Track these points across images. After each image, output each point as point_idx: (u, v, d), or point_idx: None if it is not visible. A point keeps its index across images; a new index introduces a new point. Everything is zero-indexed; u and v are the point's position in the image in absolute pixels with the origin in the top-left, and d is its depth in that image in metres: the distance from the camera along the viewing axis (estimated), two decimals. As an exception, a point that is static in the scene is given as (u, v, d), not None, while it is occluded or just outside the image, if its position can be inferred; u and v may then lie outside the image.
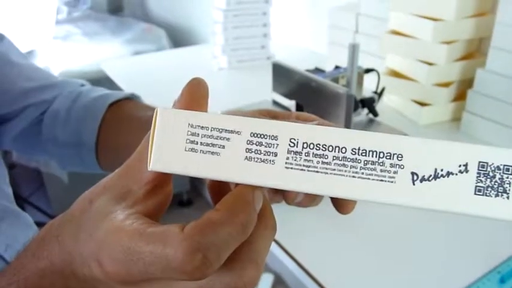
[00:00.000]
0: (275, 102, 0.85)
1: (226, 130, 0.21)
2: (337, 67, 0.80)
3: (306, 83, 0.73)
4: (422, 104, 0.89)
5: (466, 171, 0.20)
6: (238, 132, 0.21)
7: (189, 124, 0.22)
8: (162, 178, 0.24)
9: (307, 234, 0.60)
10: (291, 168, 0.21)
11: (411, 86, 0.90)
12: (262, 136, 0.21)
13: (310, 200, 0.31)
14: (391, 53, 0.94)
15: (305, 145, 0.21)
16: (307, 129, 0.21)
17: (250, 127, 0.21)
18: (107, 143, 0.49)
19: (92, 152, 0.48)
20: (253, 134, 0.21)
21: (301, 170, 0.21)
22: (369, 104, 0.76)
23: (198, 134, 0.22)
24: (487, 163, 0.20)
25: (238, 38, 1.24)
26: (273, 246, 0.59)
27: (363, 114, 0.79)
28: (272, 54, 1.28)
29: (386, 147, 0.21)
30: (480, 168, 0.20)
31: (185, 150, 0.22)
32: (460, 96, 0.90)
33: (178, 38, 2.07)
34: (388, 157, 0.21)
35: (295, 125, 0.21)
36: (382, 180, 0.21)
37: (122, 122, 0.49)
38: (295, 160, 0.21)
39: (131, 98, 0.52)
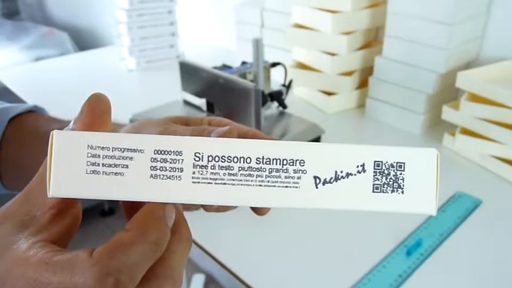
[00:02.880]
0: (186, 102, 0.84)
1: (129, 149, 0.21)
2: (244, 63, 0.81)
3: (214, 80, 0.73)
4: (328, 94, 0.92)
5: (364, 171, 0.21)
6: (141, 151, 0.21)
7: (88, 145, 0.21)
8: (68, 201, 0.22)
9: (224, 232, 0.60)
10: (198, 182, 0.21)
11: (317, 77, 0.93)
12: (166, 153, 0.21)
13: (226, 206, 0.31)
14: (296, 46, 0.96)
15: (210, 158, 0.21)
16: (211, 143, 0.21)
17: (153, 144, 0.21)
18: (10, 161, 0.44)
19: None
20: (157, 151, 0.21)
21: (209, 183, 0.21)
22: (277, 97, 0.77)
23: (99, 155, 0.21)
24: (381, 162, 0.21)
25: (145, 38, 1.20)
26: (198, 248, 0.58)
27: (273, 107, 0.81)
28: (181, 53, 1.26)
29: (289, 154, 0.21)
30: (376, 167, 0.21)
31: (86, 173, 0.21)
32: (363, 84, 0.95)
33: (83, 40, 1.97)
34: (291, 163, 0.21)
35: (198, 139, 0.21)
36: (287, 187, 0.21)
37: (24, 137, 0.45)
38: (201, 174, 0.21)
39: (34, 111, 0.48)
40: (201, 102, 0.80)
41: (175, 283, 0.22)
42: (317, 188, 0.21)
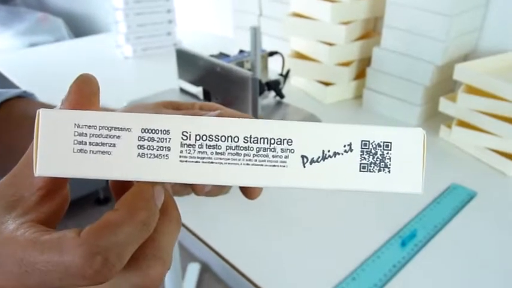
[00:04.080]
0: (182, 90, 0.83)
1: (116, 128, 0.21)
2: (241, 51, 0.80)
3: (211, 68, 0.72)
4: (326, 84, 0.92)
5: (351, 150, 0.21)
6: (128, 129, 0.21)
7: (75, 124, 0.21)
8: (56, 181, 0.22)
9: (220, 221, 0.60)
10: (186, 161, 0.21)
11: (315, 67, 0.92)
12: (153, 131, 0.21)
13: (219, 189, 0.30)
14: (294, 35, 0.96)
15: (198, 137, 0.21)
16: (199, 121, 0.21)
17: (140, 123, 0.21)
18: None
19: None
20: (144, 130, 0.21)
21: (196, 162, 0.21)
22: (274, 86, 0.77)
23: (86, 133, 0.21)
24: (368, 141, 0.21)
25: (142, 25, 1.19)
26: (194, 237, 0.58)
27: (270, 97, 0.80)
28: (178, 41, 1.25)
29: (276, 133, 0.21)
30: (363, 147, 0.21)
31: (73, 152, 0.21)
32: (361, 75, 0.94)
33: (78, 27, 1.95)
34: (278, 143, 0.21)
35: (185, 118, 0.21)
36: (274, 166, 0.21)
37: (14, 122, 0.44)
38: (189, 153, 0.21)
39: (24, 96, 0.48)
40: (198, 90, 0.80)
41: (164, 264, 0.22)
42: (304, 167, 0.21)
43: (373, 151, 0.21)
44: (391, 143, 0.22)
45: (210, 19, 1.41)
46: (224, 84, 0.72)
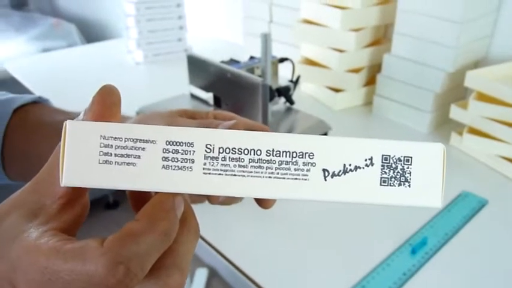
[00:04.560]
0: (193, 96, 0.84)
1: (141, 140, 0.21)
2: (252, 57, 0.81)
3: (222, 74, 0.73)
4: (336, 90, 0.92)
5: (372, 164, 0.22)
6: (153, 142, 0.21)
7: (101, 136, 0.21)
8: (77, 190, 0.23)
9: (228, 226, 0.60)
10: (209, 173, 0.21)
11: (325, 73, 0.93)
12: (178, 144, 0.21)
13: (233, 199, 0.31)
14: (305, 42, 0.96)
15: (221, 150, 0.21)
16: (223, 135, 0.22)
17: (165, 135, 0.21)
18: (15, 152, 0.45)
19: None
20: (169, 142, 0.21)
21: (219, 174, 0.21)
22: (285, 92, 0.77)
23: (112, 145, 0.21)
24: (389, 156, 0.22)
25: (153, 31, 1.20)
26: (203, 242, 0.58)
27: (280, 103, 0.81)
28: (189, 47, 1.26)
29: (298, 146, 0.22)
30: (384, 161, 0.22)
31: (99, 163, 0.21)
32: (371, 81, 0.94)
33: (91, 32, 1.98)
34: (300, 156, 0.22)
35: (210, 131, 0.22)
36: (296, 179, 0.22)
37: (29, 128, 0.45)
38: (212, 165, 0.21)
39: (39, 102, 0.48)
40: (208, 96, 0.80)
41: (182, 273, 0.22)
42: (326, 180, 0.22)
43: (393, 165, 0.22)
44: (411, 157, 0.22)
45: (220, 25, 1.42)
46: (234, 90, 0.72)
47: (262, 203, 0.30)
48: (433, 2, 0.75)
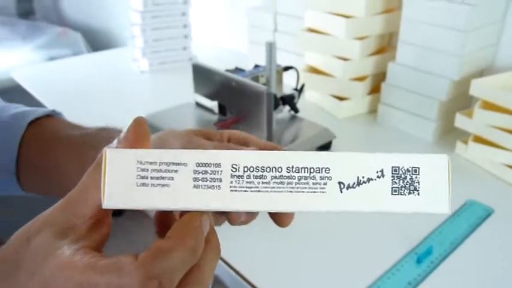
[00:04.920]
0: (198, 104, 0.84)
1: (174, 163, 0.24)
2: (256, 66, 0.81)
3: (227, 83, 0.73)
4: (340, 99, 0.92)
5: (383, 176, 0.24)
6: (184, 164, 0.24)
7: (138, 161, 0.23)
8: (104, 211, 0.24)
9: (232, 233, 0.60)
10: (236, 190, 0.24)
11: (329, 82, 0.93)
12: (207, 165, 0.24)
13: (251, 217, 0.34)
14: (309, 50, 0.96)
15: (245, 169, 0.24)
16: (247, 155, 0.24)
17: (195, 158, 0.24)
18: (29, 164, 0.45)
19: (10, 174, 0.45)
20: (199, 164, 0.24)
21: (245, 191, 0.24)
22: (289, 101, 0.77)
23: (148, 169, 0.23)
24: (398, 167, 0.24)
25: (158, 40, 1.21)
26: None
27: (285, 111, 0.81)
28: (194, 56, 1.27)
29: (315, 162, 0.24)
30: (393, 172, 0.24)
31: (137, 186, 0.23)
32: (375, 89, 0.94)
33: (96, 41, 1.99)
34: (317, 171, 0.24)
35: (235, 153, 0.24)
36: (315, 192, 0.24)
37: (44, 141, 0.46)
38: (238, 183, 0.24)
39: (52, 115, 0.49)
40: (213, 104, 0.81)
41: None
42: (341, 192, 0.24)
43: (403, 176, 0.24)
44: (419, 168, 0.24)
45: (225, 34, 1.43)
46: (239, 99, 0.72)
47: (280, 221, 0.32)
48: (437, 11, 0.75)
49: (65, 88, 1.15)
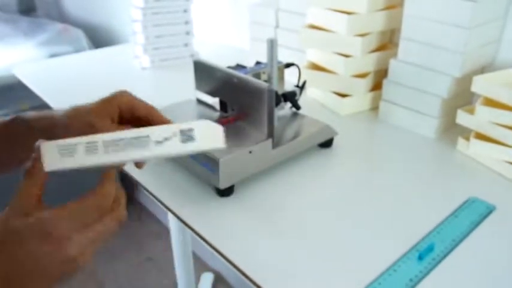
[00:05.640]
0: (199, 101, 0.84)
1: (73, 144, 0.42)
2: (258, 63, 0.81)
3: (228, 79, 0.73)
4: (342, 95, 0.92)
5: (175, 135, 0.43)
6: (80, 143, 0.42)
7: (57, 146, 0.41)
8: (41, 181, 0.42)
9: (234, 231, 0.60)
10: (107, 153, 0.42)
11: (331, 78, 0.93)
12: (91, 142, 0.42)
13: (123, 165, 0.52)
14: (311, 47, 0.96)
15: (107, 142, 0.42)
16: (109, 135, 0.42)
17: (84, 140, 0.42)
18: None
19: None
20: (88, 142, 0.42)
21: (111, 152, 0.42)
22: (291, 97, 0.77)
23: (64, 148, 0.42)
24: (183, 129, 0.43)
25: (159, 37, 1.21)
26: (208, 246, 0.58)
27: (287, 108, 0.81)
28: (195, 52, 1.26)
29: (143, 132, 0.42)
30: (180, 133, 0.43)
31: (61, 156, 0.41)
32: (377, 86, 0.94)
33: (98, 38, 1.99)
34: (144, 137, 0.42)
35: (105, 134, 0.42)
36: (143, 147, 0.42)
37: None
38: (106, 150, 0.42)
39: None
40: (215, 101, 0.81)
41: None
42: (155, 146, 0.42)
43: (185, 133, 0.43)
44: (193, 128, 0.43)
45: (227, 31, 1.42)
46: (241, 96, 0.72)
47: (136, 165, 0.52)
48: (440, 7, 0.75)
49: (66, 85, 1.15)
